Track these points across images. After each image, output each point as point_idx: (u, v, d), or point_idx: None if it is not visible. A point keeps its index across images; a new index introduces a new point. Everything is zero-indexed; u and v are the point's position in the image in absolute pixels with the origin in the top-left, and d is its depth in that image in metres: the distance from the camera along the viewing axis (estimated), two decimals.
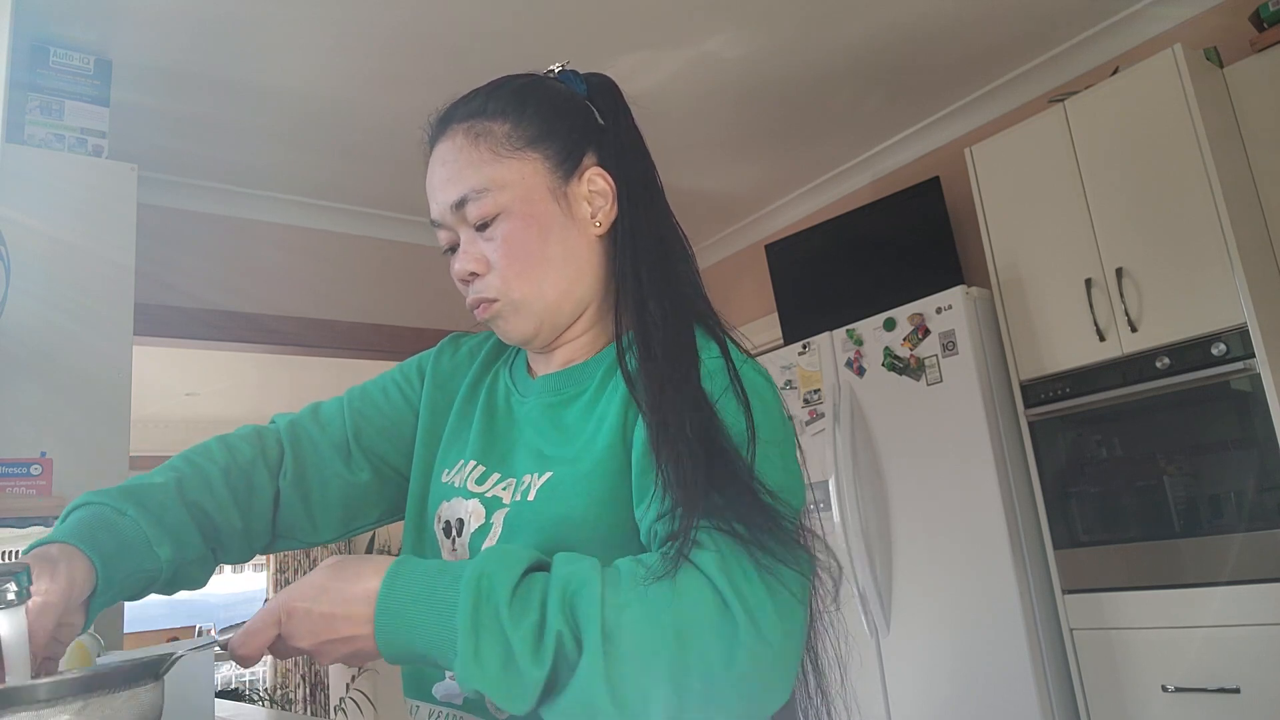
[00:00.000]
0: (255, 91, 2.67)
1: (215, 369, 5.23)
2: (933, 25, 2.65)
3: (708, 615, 0.60)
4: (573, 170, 0.81)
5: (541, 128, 0.81)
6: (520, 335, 0.82)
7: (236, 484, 0.84)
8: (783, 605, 0.62)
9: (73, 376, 1.93)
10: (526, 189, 0.79)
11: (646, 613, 0.59)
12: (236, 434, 0.88)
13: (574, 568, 0.62)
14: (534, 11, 2.41)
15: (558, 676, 0.59)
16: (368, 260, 3.58)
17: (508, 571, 0.61)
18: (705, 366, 0.73)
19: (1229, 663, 2.06)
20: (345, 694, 6.31)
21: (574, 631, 0.59)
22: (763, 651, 0.60)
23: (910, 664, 2.63)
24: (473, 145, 0.80)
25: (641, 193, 0.82)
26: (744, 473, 0.66)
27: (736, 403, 0.70)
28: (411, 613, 0.61)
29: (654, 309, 0.76)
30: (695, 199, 3.70)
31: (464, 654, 0.58)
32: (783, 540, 0.64)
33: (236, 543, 0.84)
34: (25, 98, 2.19)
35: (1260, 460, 2.07)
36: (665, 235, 0.82)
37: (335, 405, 0.93)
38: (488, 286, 0.79)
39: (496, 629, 0.59)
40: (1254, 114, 2.27)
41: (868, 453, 2.78)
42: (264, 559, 7.49)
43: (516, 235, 0.78)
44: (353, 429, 0.90)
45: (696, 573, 0.61)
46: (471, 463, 0.83)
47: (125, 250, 2.08)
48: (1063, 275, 2.46)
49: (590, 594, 0.59)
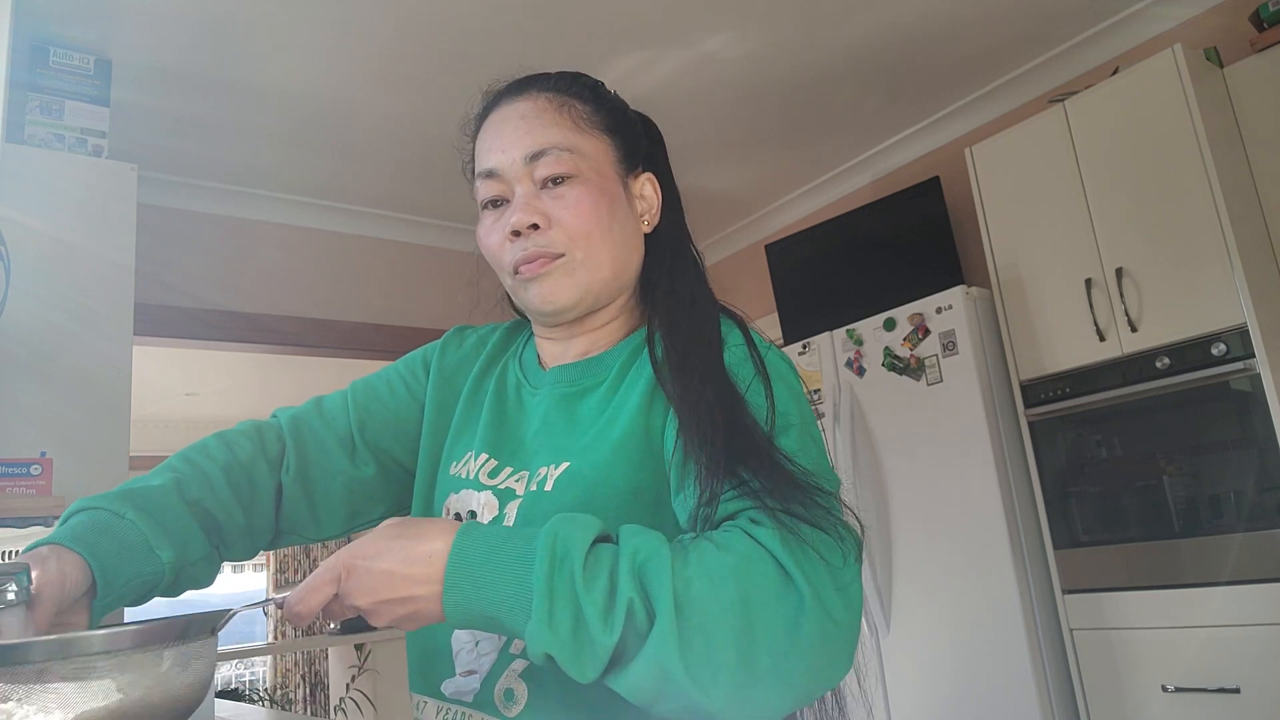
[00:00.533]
0: (255, 91, 2.67)
1: (215, 369, 5.23)
2: (933, 25, 2.65)
3: (774, 589, 0.60)
4: (633, 168, 0.85)
5: (615, 119, 0.85)
6: (564, 301, 0.80)
7: (238, 481, 0.83)
8: (841, 579, 0.62)
9: (73, 376, 1.93)
10: (600, 163, 0.82)
11: (715, 585, 0.59)
12: (235, 430, 0.88)
13: (643, 539, 0.61)
14: (535, 12, 2.41)
15: (626, 645, 0.58)
16: (368, 260, 3.58)
17: (583, 535, 0.60)
18: (731, 354, 0.75)
19: (1229, 663, 2.06)
20: (345, 694, 6.31)
21: (645, 600, 0.58)
22: (826, 624, 0.60)
23: (910, 664, 2.63)
24: (558, 110, 0.82)
25: (676, 210, 0.89)
26: (776, 454, 0.67)
27: (763, 389, 0.71)
28: (484, 571, 0.60)
29: (683, 300, 0.80)
30: (695, 199, 3.68)
31: (538, 615, 0.58)
32: (829, 518, 0.64)
33: (240, 540, 0.83)
34: (25, 98, 2.19)
35: (1260, 460, 2.07)
36: (691, 254, 0.88)
37: (339, 399, 0.92)
38: (553, 241, 0.79)
39: (569, 592, 0.58)
40: (1254, 114, 2.27)
41: (868, 453, 2.78)
42: (264, 559, 7.49)
43: (589, 199, 0.79)
44: (357, 423, 0.90)
45: (759, 548, 0.61)
46: (482, 456, 0.83)
47: (125, 250, 2.08)
48: (1063, 275, 2.46)
49: (660, 564, 0.59)
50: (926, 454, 2.62)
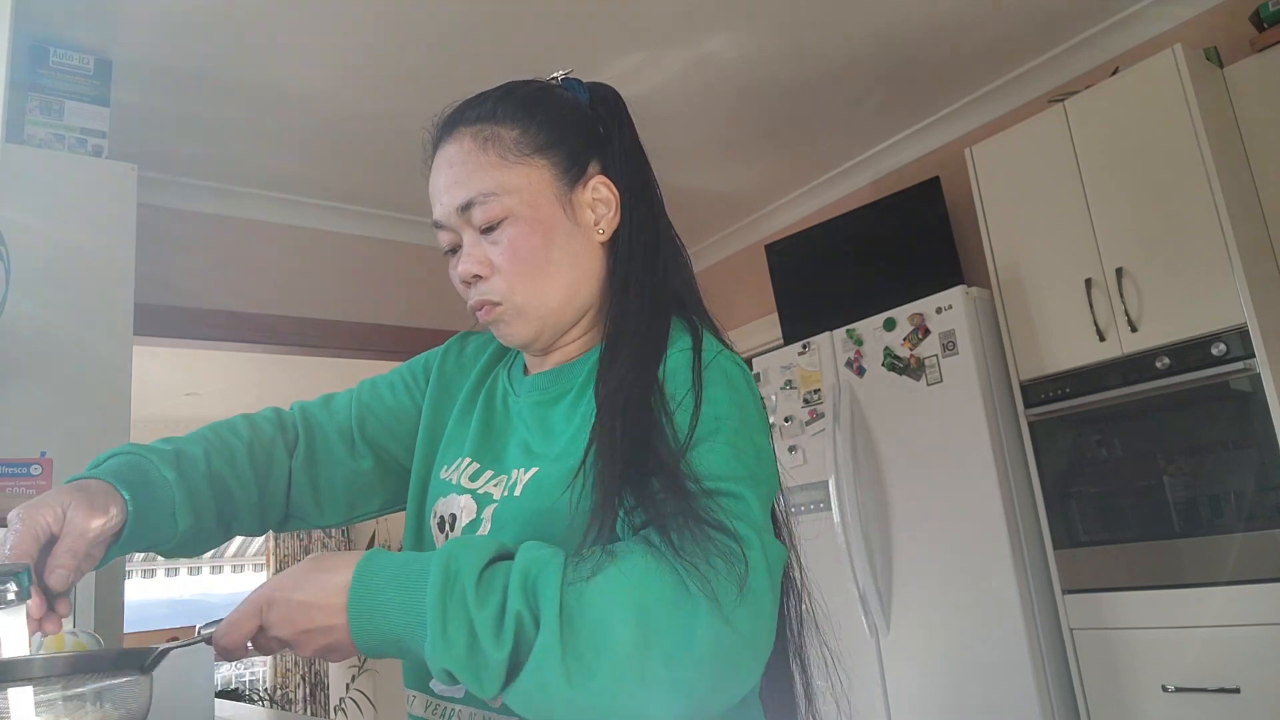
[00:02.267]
0: (255, 91, 2.67)
1: (215, 369, 5.23)
2: (933, 25, 2.65)
3: (667, 596, 0.60)
4: (578, 178, 0.82)
5: (549, 135, 0.82)
6: (522, 339, 0.83)
7: (259, 459, 0.87)
8: (748, 590, 0.62)
9: (73, 376, 1.93)
10: (533, 194, 0.80)
11: (605, 594, 0.59)
12: (260, 414, 0.92)
13: (537, 553, 0.62)
14: (535, 13, 2.41)
15: (519, 658, 0.59)
16: (368, 260, 3.58)
17: (474, 555, 0.62)
18: (672, 361, 0.74)
19: (1229, 663, 2.06)
20: (345, 694, 6.31)
21: (533, 612, 0.59)
22: (726, 633, 0.60)
23: (910, 664, 2.63)
24: (481, 149, 0.80)
25: (641, 202, 0.85)
26: (682, 471, 0.67)
27: (693, 402, 0.71)
28: (383, 597, 0.62)
29: (633, 311, 0.79)
30: (695, 199, 3.70)
31: (433, 633, 0.59)
32: (739, 527, 0.65)
33: (252, 516, 0.87)
34: (25, 98, 2.19)
35: (1260, 460, 2.07)
36: (661, 244, 0.84)
37: (346, 396, 0.96)
38: (492, 290, 0.80)
39: (462, 609, 0.59)
40: (1254, 114, 2.26)
41: (868, 453, 2.78)
42: (264, 559, 7.51)
43: (522, 240, 0.79)
44: (358, 420, 0.93)
45: (657, 558, 0.62)
46: (467, 460, 0.85)
47: (125, 250, 2.08)
48: (1063, 275, 2.46)
49: (550, 576, 0.60)
50: (926, 454, 2.62)
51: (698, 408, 0.71)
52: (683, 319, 0.81)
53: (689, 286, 0.86)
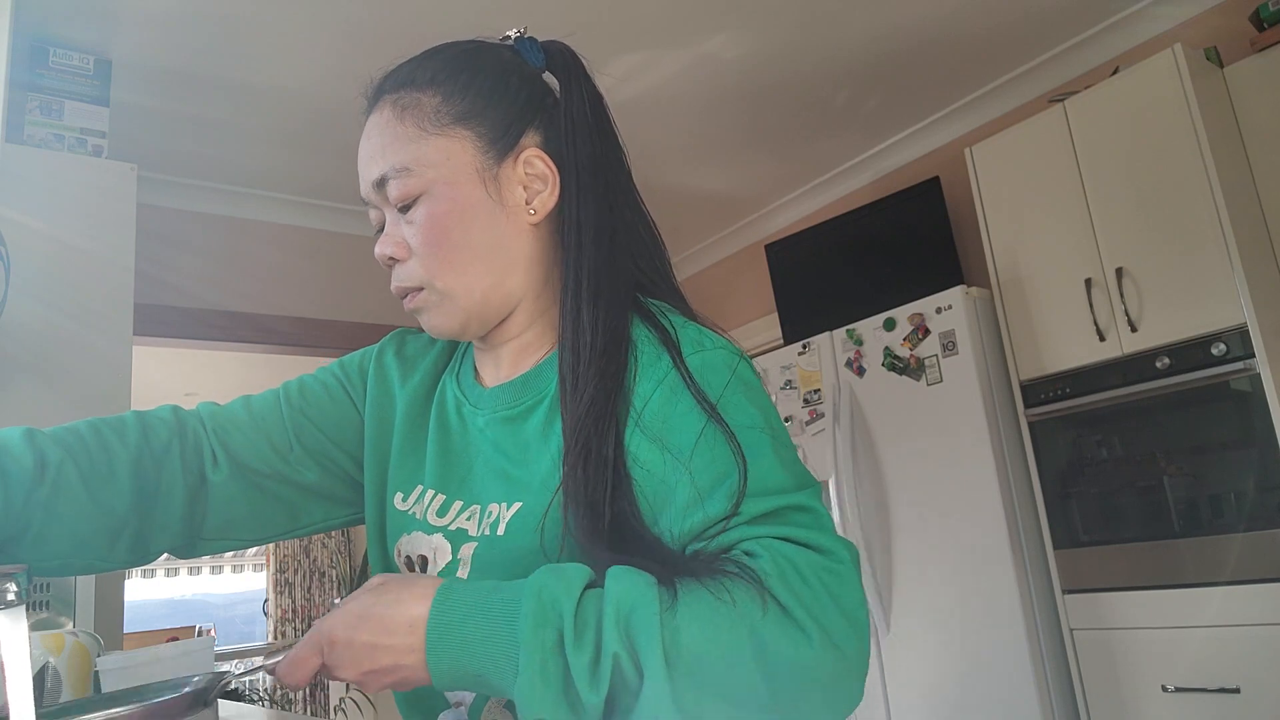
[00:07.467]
0: (255, 91, 2.67)
1: (215, 369, 5.23)
2: (933, 25, 2.65)
3: (775, 631, 0.55)
4: (507, 151, 0.74)
5: (475, 102, 0.73)
6: (447, 329, 0.76)
7: (146, 474, 0.75)
8: (845, 605, 0.58)
9: (73, 376, 1.93)
10: (451, 169, 0.72)
11: (706, 634, 0.55)
12: (154, 414, 0.79)
13: (627, 584, 0.57)
14: (535, 13, 2.41)
15: (616, 702, 0.55)
16: (368, 260, 3.55)
17: (568, 586, 0.57)
18: (650, 405, 0.66)
19: (1229, 663, 2.06)
20: (345, 694, 6.31)
21: (632, 654, 0.55)
22: (836, 660, 0.56)
23: (910, 664, 2.63)
24: (398, 119, 0.73)
25: (590, 180, 0.73)
26: (648, 535, 0.63)
27: (676, 437, 0.65)
28: (466, 630, 0.57)
29: (586, 320, 0.69)
30: (695, 199, 3.70)
31: (527, 671, 0.54)
32: (824, 536, 0.61)
33: (110, 546, 0.73)
34: (25, 98, 2.19)
35: (1260, 460, 2.07)
36: (617, 227, 0.74)
37: (270, 399, 0.84)
38: (410, 274, 0.74)
39: (558, 648, 0.55)
40: (1254, 114, 2.27)
41: (868, 453, 2.78)
42: (264, 559, 7.48)
43: (436, 219, 0.72)
44: (293, 427, 0.82)
45: (756, 587, 0.57)
46: (430, 491, 0.77)
47: (125, 250, 2.08)
48: (1062, 275, 2.46)
49: (647, 614, 0.55)
50: (926, 454, 2.62)
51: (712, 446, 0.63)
52: (654, 331, 0.70)
53: (660, 274, 0.77)
